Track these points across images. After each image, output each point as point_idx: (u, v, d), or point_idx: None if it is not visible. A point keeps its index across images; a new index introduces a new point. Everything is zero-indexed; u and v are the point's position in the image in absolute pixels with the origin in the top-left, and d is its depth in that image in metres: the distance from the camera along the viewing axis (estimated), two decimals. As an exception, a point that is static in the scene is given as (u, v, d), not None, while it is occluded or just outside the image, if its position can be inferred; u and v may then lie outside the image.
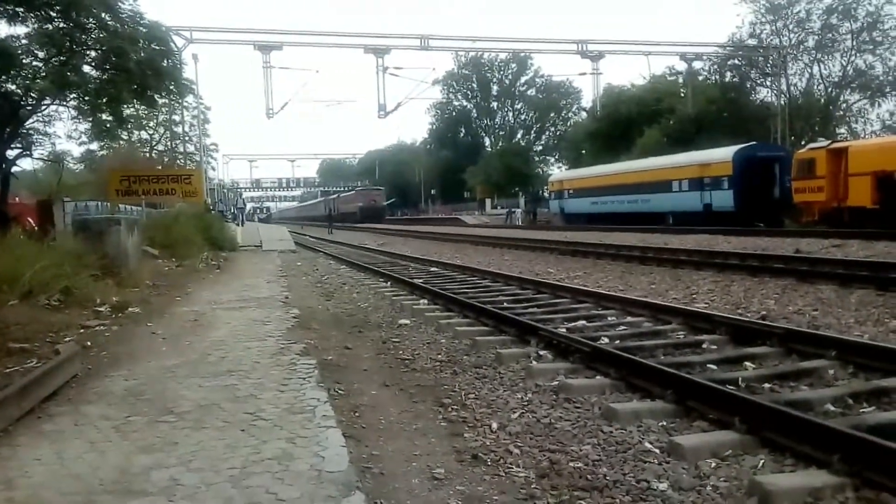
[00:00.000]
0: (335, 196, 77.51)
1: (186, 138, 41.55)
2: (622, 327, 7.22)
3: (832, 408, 4.36)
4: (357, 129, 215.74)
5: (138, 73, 14.22)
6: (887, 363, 5.03)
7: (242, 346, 6.28)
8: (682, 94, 44.63)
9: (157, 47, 15.62)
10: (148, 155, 41.67)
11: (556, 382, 5.15)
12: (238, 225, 33.71)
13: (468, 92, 79.39)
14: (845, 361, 5.28)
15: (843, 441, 3.34)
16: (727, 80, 43.58)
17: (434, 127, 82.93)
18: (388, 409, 4.60)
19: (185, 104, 34.09)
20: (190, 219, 19.46)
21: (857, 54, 40.82)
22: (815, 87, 43.05)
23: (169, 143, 41.48)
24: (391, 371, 5.76)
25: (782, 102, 38.81)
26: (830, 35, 41.17)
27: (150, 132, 45.92)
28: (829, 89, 42.57)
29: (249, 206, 74.61)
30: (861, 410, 4.31)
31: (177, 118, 36.98)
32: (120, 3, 14.06)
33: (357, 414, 4.45)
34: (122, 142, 34.84)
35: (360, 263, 16.52)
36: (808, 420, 3.66)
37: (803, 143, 31.73)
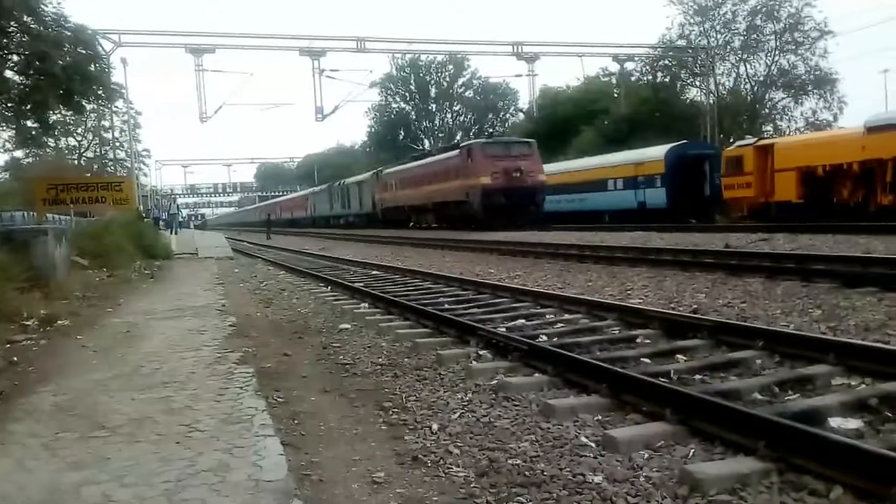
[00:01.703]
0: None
1: (117, 144, 40.39)
2: (560, 325, 7.35)
3: (759, 396, 4.53)
4: (295, 132, 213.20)
5: (64, 77, 13.80)
6: (811, 352, 5.24)
7: (177, 356, 6.14)
8: (616, 95, 45.64)
9: (84, 51, 15.20)
10: (76, 162, 40.42)
11: (496, 381, 5.21)
12: (172, 233, 32.81)
13: (406, 94, 79.32)
14: (772, 351, 5.48)
15: (768, 428, 3.47)
16: (658, 80, 44.76)
17: (373, 129, 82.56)
18: (328, 416, 4.58)
19: (114, 109, 33.16)
20: (121, 227, 18.89)
21: (781, 54, 42.52)
22: (742, 86, 44.68)
23: (98, 150, 40.25)
24: (331, 377, 5.73)
25: (711, 101, 40.04)
26: (755, 36, 42.77)
27: (79, 138, 44.55)
28: (755, 88, 44.21)
29: (184, 212, 72.67)
30: (786, 398, 4.50)
31: (106, 124, 35.93)
32: (43, 6, 13.60)
33: (296, 421, 4.41)
34: (48, 149, 33.65)
35: (299, 269, 16.35)
36: (736, 409, 3.80)
37: (732, 140, 32.79)
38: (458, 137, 75.57)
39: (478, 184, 26.74)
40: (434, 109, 79.48)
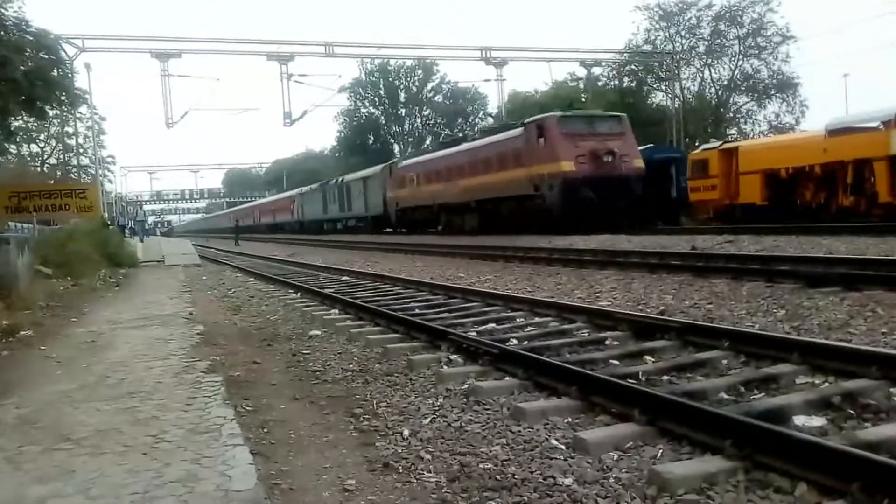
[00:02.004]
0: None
1: (81, 151, 39.72)
2: (530, 328, 7.38)
3: (725, 396, 4.60)
4: (263, 137, 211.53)
5: (26, 83, 13.55)
6: (775, 351, 5.33)
7: (144, 366, 6.05)
8: (584, 100, 46.05)
9: (46, 56, 14.95)
10: (39, 169, 39.65)
11: (467, 386, 5.22)
12: (139, 240, 32.26)
13: (375, 99, 79.16)
14: (737, 351, 5.56)
15: (734, 427, 3.52)
16: (625, 85, 45.32)
17: (342, 134, 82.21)
18: (298, 423, 4.54)
19: (78, 115, 32.62)
20: (86, 235, 18.59)
21: (744, 59, 43.35)
22: (707, 90, 45.49)
23: (62, 157, 39.54)
24: (301, 384, 5.69)
25: (677, 106, 40.62)
26: (719, 41, 43.60)
27: (42, 145, 43.74)
28: (720, 92, 45.04)
29: (151, 219, 71.58)
30: (752, 397, 4.57)
31: (70, 130, 35.30)
32: (3, 10, 13.35)
33: (266, 430, 4.37)
34: (10, 156, 32.96)
35: (268, 275, 16.22)
36: (702, 409, 3.85)
37: (697, 144, 33.31)
38: (427, 142, 75.76)
39: (557, 171, 20.64)
40: (404, 114, 79.45)
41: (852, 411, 4.09)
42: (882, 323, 6.36)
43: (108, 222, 29.26)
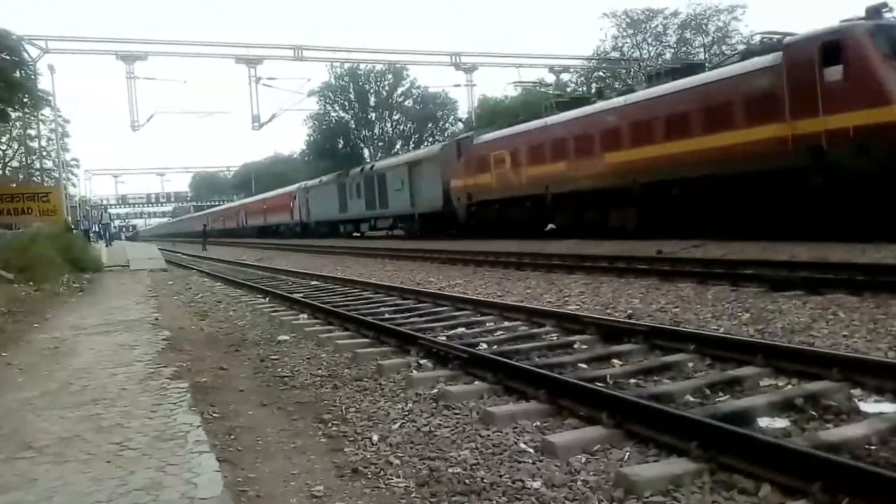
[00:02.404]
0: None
1: (44, 154, 38.96)
2: (500, 332, 7.41)
3: (691, 398, 4.65)
4: (231, 141, 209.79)
5: (-14, 84, 13.26)
6: (740, 354, 5.42)
7: (108, 372, 5.95)
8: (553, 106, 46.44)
9: (8, 57, 14.67)
10: (1, 172, 38.77)
11: (436, 390, 5.21)
12: (106, 244, 31.65)
13: (345, 103, 78.85)
14: (703, 354, 5.64)
15: (699, 429, 3.57)
16: (593, 91, 45.75)
17: (312, 138, 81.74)
18: (266, 430, 4.50)
19: (41, 117, 32.01)
20: (49, 239, 18.24)
21: (710, 67, 43.95)
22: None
23: (24, 160, 38.76)
24: (269, 390, 5.64)
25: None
26: (685, 48, 44.29)
27: (3, 148, 42.79)
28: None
29: (116, 223, 70.28)
30: (717, 399, 4.63)
31: (32, 132, 34.65)
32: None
33: (232, 436, 4.33)
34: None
35: (236, 280, 16.05)
36: (668, 411, 3.89)
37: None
38: (397, 147, 75.65)
39: (883, 123, 11.95)
40: (374, 118, 79.22)
41: (814, 413, 4.16)
42: (843, 326, 6.50)
43: (72, 226, 28.73)
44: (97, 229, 37.89)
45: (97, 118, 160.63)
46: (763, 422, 4.02)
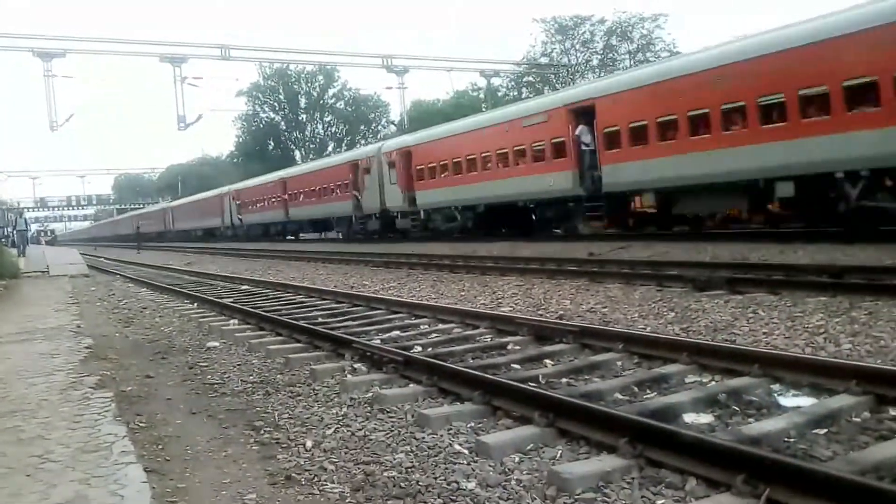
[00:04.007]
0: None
1: (-47, 154, 36.95)
2: (434, 335, 7.43)
3: (620, 396, 4.78)
4: (156, 142, 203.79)
5: None
6: (666, 352, 5.58)
7: (26, 382, 5.70)
8: (484, 109, 46.90)
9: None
10: None
11: (371, 394, 5.19)
12: (20, 254, 29.92)
13: (275, 104, 77.72)
14: (631, 353, 5.79)
15: (628, 426, 3.66)
16: (523, 95, 46.42)
17: (241, 139, 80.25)
18: (196, 438, 4.39)
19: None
20: (-40, 245, 17.33)
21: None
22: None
23: (-69, 160, 36.67)
24: (199, 397, 5.50)
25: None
26: (611, 55, 45.41)
27: None
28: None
29: (34, 227, 67.03)
30: (645, 397, 4.76)
31: (-61, 131, 32.80)
32: None
33: (160, 446, 4.20)
34: None
35: (162, 285, 15.60)
36: (598, 409, 3.98)
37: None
38: (329, 149, 74.94)
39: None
40: (304, 120, 78.34)
41: (737, 408, 4.33)
42: (763, 324, 6.77)
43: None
44: (11, 235, 35.79)
45: (13, 117, 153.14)
46: (689, 417, 4.16)
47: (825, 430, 3.81)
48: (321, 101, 77.35)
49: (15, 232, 33.84)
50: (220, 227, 48.93)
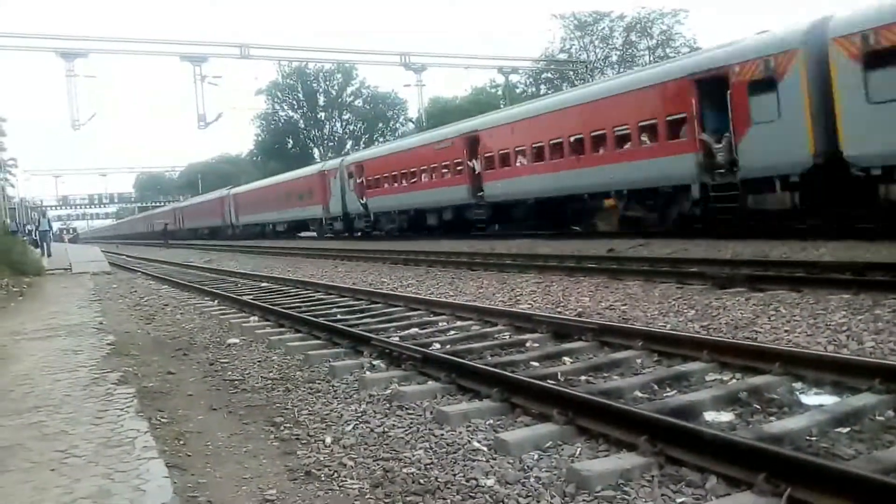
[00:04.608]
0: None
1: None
2: (453, 332, 7.43)
3: (640, 394, 4.76)
4: (177, 140, 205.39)
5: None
6: (686, 350, 5.54)
7: (51, 378, 5.78)
8: (503, 106, 46.84)
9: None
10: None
11: (390, 391, 5.21)
12: (43, 254, 30.10)
13: (294, 102, 78.08)
14: (651, 350, 5.76)
15: (648, 424, 3.64)
16: (542, 92, 46.25)
17: (260, 138, 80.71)
18: (216, 434, 4.43)
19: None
20: (-14, 242, 17.62)
21: (655, 69, 44.91)
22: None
23: (-43, 159, 37.26)
24: (219, 394, 5.55)
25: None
26: (631, 51, 45.13)
27: (-66, 147, 41.10)
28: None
29: (56, 225, 67.68)
30: (665, 395, 4.74)
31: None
32: None
33: (182, 442, 4.25)
34: None
35: (183, 282, 15.74)
36: (618, 407, 3.96)
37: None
38: (348, 146, 75.16)
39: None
40: (323, 118, 78.60)
41: (758, 406, 4.29)
42: (784, 321, 6.70)
43: (13, 229, 27.71)
44: (35, 235, 36.13)
45: (36, 117, 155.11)
46: (709, 415, 4.13)
47: (848, 429, 3.77)
48: (339, 100, 77.57)
49: (38, 231, 34.22)
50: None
